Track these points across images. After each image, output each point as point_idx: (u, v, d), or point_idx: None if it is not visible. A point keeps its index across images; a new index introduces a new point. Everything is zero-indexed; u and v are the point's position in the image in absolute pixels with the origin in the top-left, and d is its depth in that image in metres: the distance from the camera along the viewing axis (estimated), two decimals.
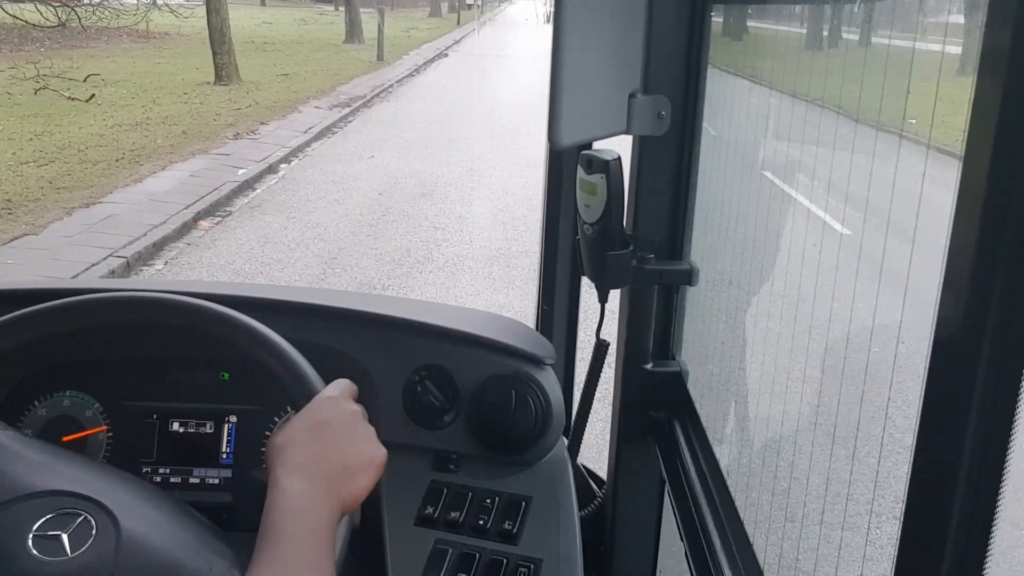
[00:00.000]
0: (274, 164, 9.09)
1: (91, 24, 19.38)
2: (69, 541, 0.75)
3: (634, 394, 1.34)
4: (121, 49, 19.14)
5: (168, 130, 10.34)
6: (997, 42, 0.50)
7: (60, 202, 7.07)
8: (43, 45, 17.79)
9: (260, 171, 8.69)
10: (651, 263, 1.23)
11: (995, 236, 0.50)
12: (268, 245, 6.52)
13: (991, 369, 0.52)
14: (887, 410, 0.80)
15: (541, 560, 1.13)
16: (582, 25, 0.99)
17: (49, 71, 13.51)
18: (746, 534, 1.05)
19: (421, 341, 1.22)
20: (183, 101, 12.49)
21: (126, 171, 8.27)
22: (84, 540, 0.75)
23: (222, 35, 14.02)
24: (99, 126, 10.35)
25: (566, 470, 1.22)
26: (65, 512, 0.77)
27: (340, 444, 0.82)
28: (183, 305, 0.96)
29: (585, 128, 1.07)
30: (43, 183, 7.66)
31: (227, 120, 11.18)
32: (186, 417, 1.22)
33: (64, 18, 18.35)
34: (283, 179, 8.77)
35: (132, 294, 0.98)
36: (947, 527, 0.55)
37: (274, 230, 6.91)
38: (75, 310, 0.96)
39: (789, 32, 1.21)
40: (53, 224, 6.51)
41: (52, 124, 10.30)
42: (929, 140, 0.70)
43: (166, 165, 8.57)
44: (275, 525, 0.74)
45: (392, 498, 1.16)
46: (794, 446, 1.05)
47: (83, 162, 8.52)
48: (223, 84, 13.99)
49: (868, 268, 0.83)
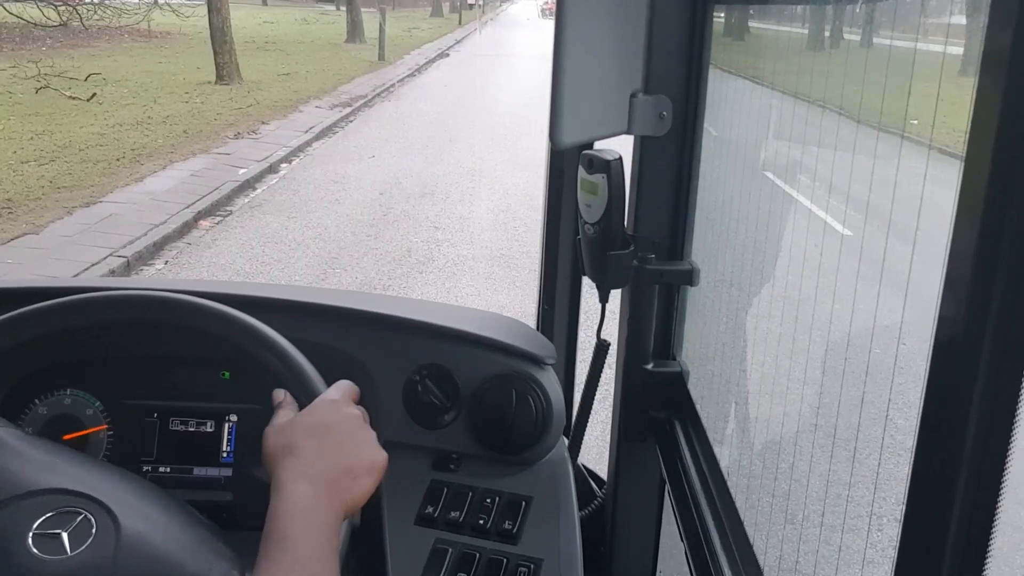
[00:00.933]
0: (275, 164, 9.09)
1: (93, 23, 19.39)
2: (69, 540, 0.75)
3: (635, 394, 1.34)
4: (122, 48, 19.16)
5: (169, 129, 10.35)
6: (998, 43, 0.50)
7: (60, 201, 7.07)
8: (45, 44, 17.80)
9: (261, 171, 8.70)
10: (652, 263, 1.23)
11: (996, 237, 0.50)
12: (269, 245, 6.52)
13: (992, 370, 0.52)
14: (888, 411, 0.80)
15: (541, 560, 1.13)
16: (583, 25, 0.99)
17: (50, 70, 13.52)
18: (746, 535, 1.05)
19: (422, 340, 1.22)
20: (184, 101, 12.50)
21: (127, 170, 8.28)
22: (84, 539, 0.75)
23: (223, 34, 14.02)
24: (100, 125, 10.36)
25: (566, 470, 1.21)
26: (65, 510, 0.77)
27: (343, 448, 0.83)
28: (184, 304, 0.96)
29: (586, 128, 1.07)
30: (43, 182, 7.66)
31: (228, 120, 11.18)
32: (186, 416, 1.22)
33: (66, 17, 18.35)
34: (284, 179, 8.77)
35: (131, 293, 0.98)
36: (947, 529, 0.55)
37: (274, 230, 6.91)
38: (80, 308, 0.96)
39: (791, 32, 1.21)
40: (53, 223, 6.51)
41: (53, 123, 10.31)
42: (931, 141, 0.70)
43: (167, 164, 8.57)
44: (280, 528, 0.74)
45: (392, 497, 1.17)
46: (794, 447, 1.05)
47: (84, 161, 8.52)
48: (224, 83, 14.00)
49: (869, 269, 0.83)
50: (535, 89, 13.26)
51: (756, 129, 1.24)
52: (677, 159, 1.22)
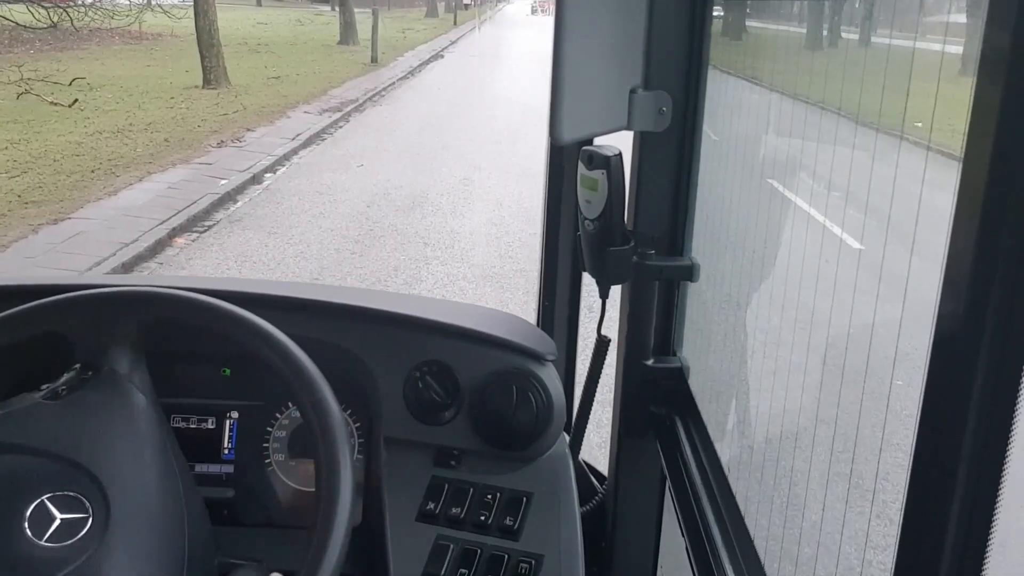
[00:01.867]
0: (258, 174, 8.78)
1: (84, 25, 19.00)
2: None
3: (635, 390, 1.35)
4: (112, 51, 18.88)
5: (150, 137, 10.05)
6: (997, 43, 0.50)
7: (27, 218, 6.72)
8: (32, 47, 17.50)
9: (243, 182, 8.35)
10: (652, 259, 1.25)
11: (995, 235, 0.51)
12: (246, 264, 6.19)
13: (991, 366, 0.53)
14: (888, 407, 0.80)
15: (542, 556, 1.14)
16: (583, 21, 1.00)
17: (34, 74, 13.24)
18: (747, 530, 1.06)
19: (422, 337, 1.22)
20: (168, 106, 12.25)
21: (101, 183, 7.94)
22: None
23: (210, 37, 13.78)
24: (79, 133, 10.07)
25: (567, 466, 1.22)
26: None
27: None
28: (185, 301, 0.98)
29: (586, 124, 1.08)
30: (11, 197, 7.31)
31: (212, 126, 10.91)
32: (188, 413, 1.24)
33: (56, 19, 17.92)
34: (267, 190, 8.46)
35: (131, 290, 1.00)
36: (947, 524, 0.56)
37: (254, 247, 6.57)
38: (84, 304, 0.98)
39: (789, 32, 1.25)
40: (17, 243, 6.15)
41: (30, 131, 10.01)
42: (929, 139, 0.70)
43: (144, 176, 8.25)
44: None
45: (393, 494, 1.17)
46: (795, 442, 1.05)
47: (56, 173, 8.20)
48: (211, 88, 13.75)
49: (869, 265, 0.83)
50: (531, 90, 12.97)
51: (755, 124, 1.24)
52: (677, 155, 1.23)
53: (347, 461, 0.92)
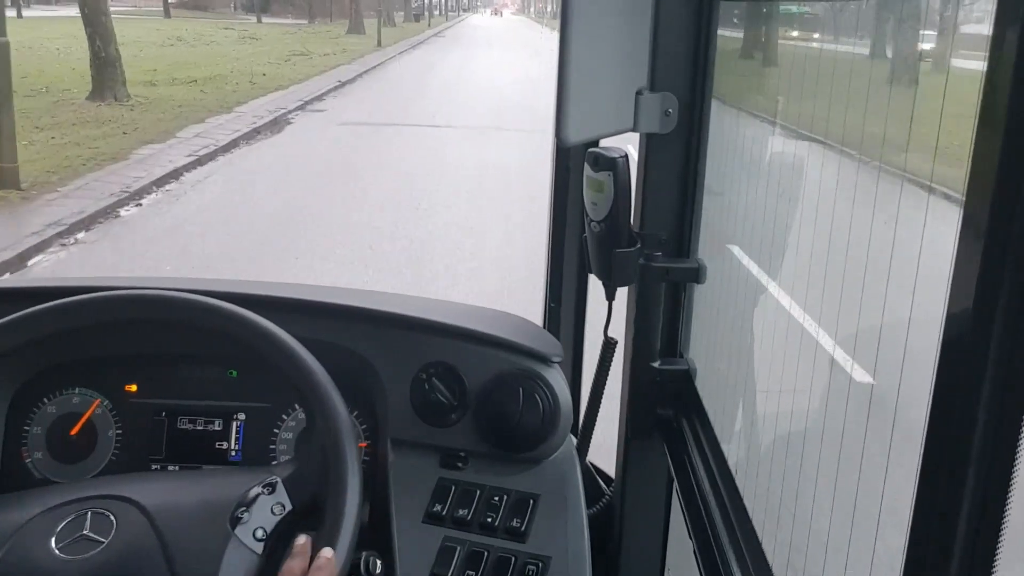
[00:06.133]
0: None
1: None
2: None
3: (642, 392, 1.35)
4: None
5: None
6: (1003, 51, 0.50)
7: None
8: None
9: None
10: (658, 261, 1.25)
11: (1003, 233, 0.51)
12: None
13: (1000, 367, 0.53)
14: (896, 409, 0.80)
15: (549, 558, 1.14)
16: (589, 22, 1.01)
17: None
18: (755, 532, 1.05)
19: (429, 339, 1.23)
20: None
21: None
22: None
23: None
24: None
25: (574, 468, 1.22)
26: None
27: None
28: (187, 303, 0.98)
29: (592, 125, 1.09)
30: None
31: None
32: (194, 415, 1.25)
33: None
34: None
35: (141, 293, 1.01)
36: (956, 527, 0.56)
37: None
38: (91, 306, 0.99)
39: (792, 36, 1.25)
40: None
41: None
42: (937, 140, 0.69)
43: None
44: None
45: (400, 496, 1.18)
46: (803, 444, 1.05)
47: None
48: None
49: (877, 266, 0.82)
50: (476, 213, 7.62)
51: (761, 127, 1.25)
52: (683, 156, 1.23)
53: (354, 463, 0.92)
